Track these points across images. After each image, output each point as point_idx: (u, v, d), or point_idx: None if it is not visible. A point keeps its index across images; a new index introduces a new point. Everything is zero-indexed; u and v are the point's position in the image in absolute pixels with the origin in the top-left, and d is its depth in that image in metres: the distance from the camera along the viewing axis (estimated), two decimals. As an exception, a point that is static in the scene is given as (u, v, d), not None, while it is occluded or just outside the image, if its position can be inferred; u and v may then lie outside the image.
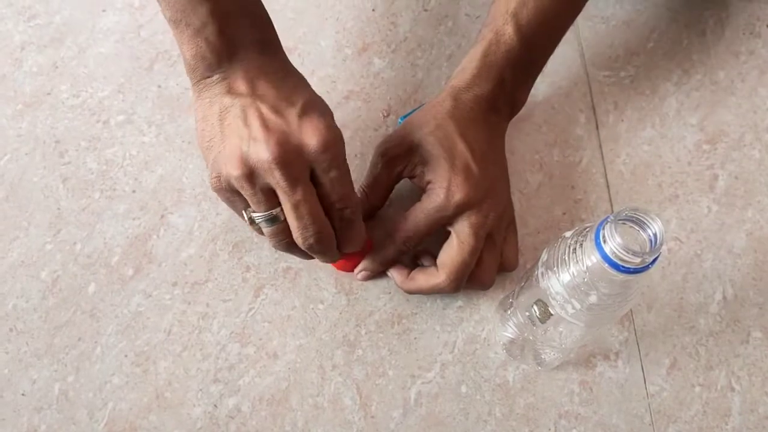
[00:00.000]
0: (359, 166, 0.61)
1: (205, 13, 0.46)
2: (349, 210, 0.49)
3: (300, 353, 0.55)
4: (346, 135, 0.62)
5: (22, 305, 0.55)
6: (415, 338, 0.56)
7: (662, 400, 0.54)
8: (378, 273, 0.56)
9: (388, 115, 0.63)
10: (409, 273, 0.55)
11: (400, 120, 0.61)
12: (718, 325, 0.57)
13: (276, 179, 0.44)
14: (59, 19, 0.65)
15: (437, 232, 0.53)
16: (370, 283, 0.57)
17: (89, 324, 0.55)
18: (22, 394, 0.52)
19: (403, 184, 0.58)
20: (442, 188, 0.51)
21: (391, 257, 0.55)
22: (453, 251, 0.52)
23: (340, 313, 0.56)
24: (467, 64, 0.54)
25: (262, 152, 0.44)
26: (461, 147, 0.52)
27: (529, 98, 0.58)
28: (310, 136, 0.45)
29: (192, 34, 0.46)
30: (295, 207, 0.45)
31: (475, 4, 0.69)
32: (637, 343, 0.56)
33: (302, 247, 0.48)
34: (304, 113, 0.46)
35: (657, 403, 0.54)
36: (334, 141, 0.46)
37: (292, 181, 0.44)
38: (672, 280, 0.58)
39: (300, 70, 0.64)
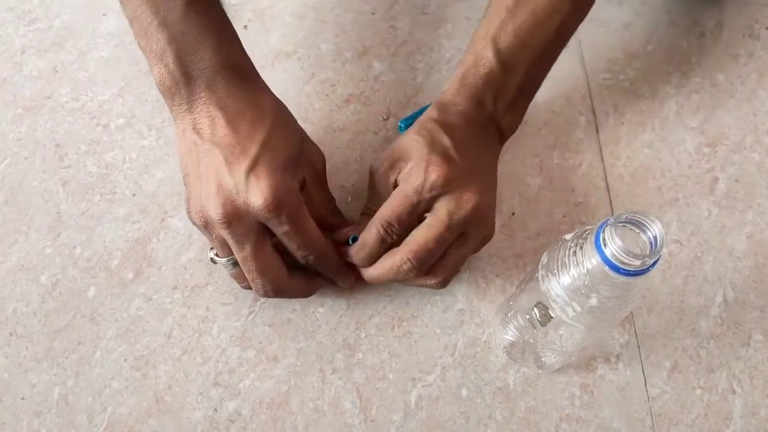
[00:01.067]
0: (358, 170, 0.61)
1: (164, 39, 0.47)
2: (312, 256, 0.50)
3: (300, 357, 0.55)
4: (346, 138, 0.62)
5: (22, 309, 0.55)
6: (416, 341, 0.56)
7: (663, 402, 0.54)
8: (370, 262, 0.53)
9: (387, 118, 0.63)
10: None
11: (400, 123, 0.61)
12: (719, 328, 0.57)
13: (225, 235, 0.48)
14: (59, 23, 0.65)
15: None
16: (369, 287, 0.57)
17: (89, 328, 0.54)
18: (22, 399, 0.52)
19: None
20: (420, 170, 0.50)
21: (375, 248, 0.51)
22: (419, 231, 0.50)
23: (340, 317, 0.56)
24: (449, 86, 0.54)
25: (212, 210, 0.47)
26: (443, 138, 0.51)
27: (529, 101, 0.58)
28: (256, 196, 0.46)
29: (155, 61, 0.48)
30: (243, 261, 0.49)
31: (474, 8, 0.69)
32: (638, 346, 0.56)
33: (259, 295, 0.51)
34: (252, 168, 0.47)
35: (658, 406, 0.54)
36: (277, 200, 0.46)
37: (238, 239, 0.47)
38: (672, 283, 0.58)
39: (300, 74, 0.65)
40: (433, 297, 0.57)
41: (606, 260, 0.39)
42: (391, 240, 0.51)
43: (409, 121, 0.61)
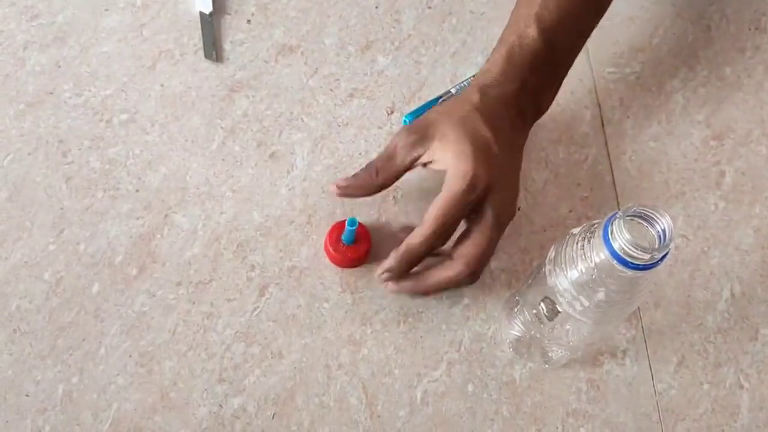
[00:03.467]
0: (363, 164, 0.60)
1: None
2: None
3: (305, 352, 0.54)
4: (350, 133, 0.62)
5: (26, 306, 0.55)
6: (421, 337, 0.55)
7: (670, 398, 0.54)
8: (402, 274, 0.53)
9: (392, 112, 0.63)
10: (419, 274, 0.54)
11: (405, 118, 0.61)
12: (726, 323, 0.57)
13: None
14: (62, 18, 0.65)
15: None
16: (375, 282, 0.56)
17: (93, 324, 0.54)
18: (26, 396, 0.52)
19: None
20: (468, 173, 0.50)
21: (421, 252, 0.51)
22: (472, 241, 0.51)
23: (346, 312, 0.56)
24: (491, 67, 0.54)
25: None
26: (485, 131, 0.51)
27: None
28: None
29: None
30: None
31: (479, 1, 0.68)
32: (645, 341, 0.56)
33: None
34: None
35: (665, 401, 0.54)
36: None
37: None
38: (679, 278, 0.58)
39: (303, 68, 0.64)
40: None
41: (614, 254, 0.38)
42: (438, 246, 0.52)
43: (414, 115, 0.61)
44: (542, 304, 0.47)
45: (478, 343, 0.55)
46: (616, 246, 0.38)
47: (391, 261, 0.52)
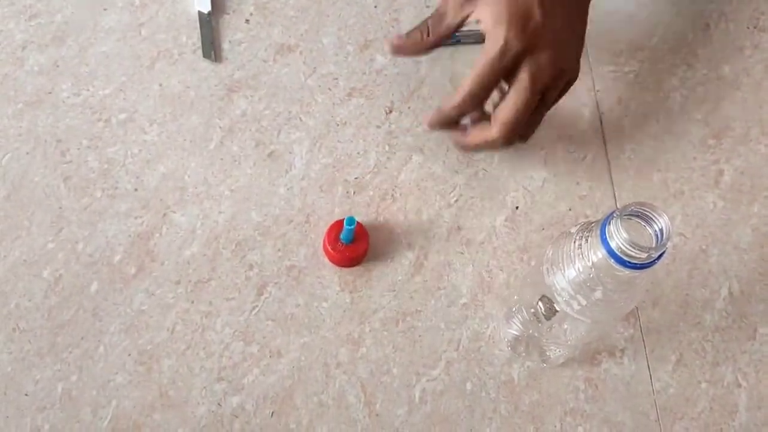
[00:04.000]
0: (362, 164, 0.61)
1: None
2: None
3: (304, 351, 0.54)
4: (349, 132, 0.62)
5: (25, 304, 0.55)
6: (420, 336, 0.55)
7: (668, 396, 0.54)
8: (441, 127, 0.57)
9: (390, 111, 0.63)
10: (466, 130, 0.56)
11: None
12: (724, 321, 0.57)
13: None
14: (60, 18, 0.65)
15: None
16: (374, 281, 0.57)
17: (92, 323, 0.54)
18: (26, 394, 0.52)
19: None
20: (501, 34, 0.50)
21: (453, 114, 0.55)
22: (507, 104, 0.52)
23: (344, 311, 0.56)
24: None
25: None
26: None
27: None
28: None
29: None
30: None
31: (477, 0, 0.68)
32: (643, 340, 0.56)
33: None
34: None
35: (663, 400, 0.54)
36: None
37: None
38: (677, 276, 0.58)
39: (302, 67, 0.64)
40: (437, 291, 0.57)
41: (611, 253, 0.38)
42: (473, 108, 0.54)
43: None
44: (540, 303, 0.47)
45: (477, 342, 0.55)
46: (613, 245, 0.38)
47: (433, 116, 0.56)
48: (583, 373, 0.55)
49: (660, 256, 0.38)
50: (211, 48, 0.64)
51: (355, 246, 0.56)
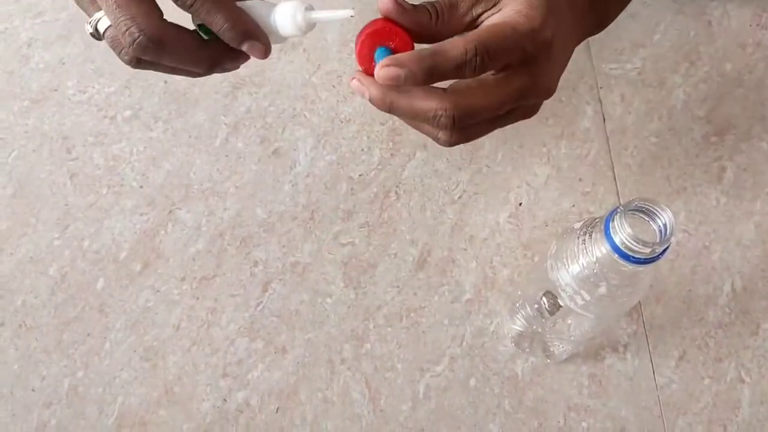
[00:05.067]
0: (365, 160, 0.61)
1: None
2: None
3: (308, 347, 0.55)
4: (353, 129, 0.62)
5: (31, 301, 0.55)
6: (424, 332, 0.56)
7: (672, 392, 0.54)
8: (416, 82, 0.38)
9: (394, 109, 0.63)
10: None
11: None
12: (727, 317, 0.57)
13: None
14: (65, 15, 0.65)
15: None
16: (378, 277, 0.57)
17: (98, 319, 0.55)
18: (32, 390, 0.52)
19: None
20: (542, 16, 0.40)
21: (450, 66, 0.38)
22: (480, 89, 0.40)
23: (348, 307, 0.56)
24: None
25: None
26: (553, 15, 0.41)
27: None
28: None
29: None
30: (105, 4, 0.39)
31: (480, -2, 0.68)
32: (646, 336, 0.56)
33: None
34: None
35: (666, 396, 0.54)
36: None
37: None
38: (680, 273, 0.58)
39: (306, 65, 0.65)
40: (441, 287, 0.57)
41: (615, 248, 0.39)
42: (472, 68, 0.39)
43: None
44: (544, 299, 0.47)
45: (480, 338, 0.56)
46: (617, 240, 0.38)
47: (410, 60, 0.38)
48: (587, 368, 0.55)
49: (664, 251, 0.38)
50: (216, 46, 0.64)
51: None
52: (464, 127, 0.41)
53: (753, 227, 0.60)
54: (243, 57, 0.43)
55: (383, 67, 0.38)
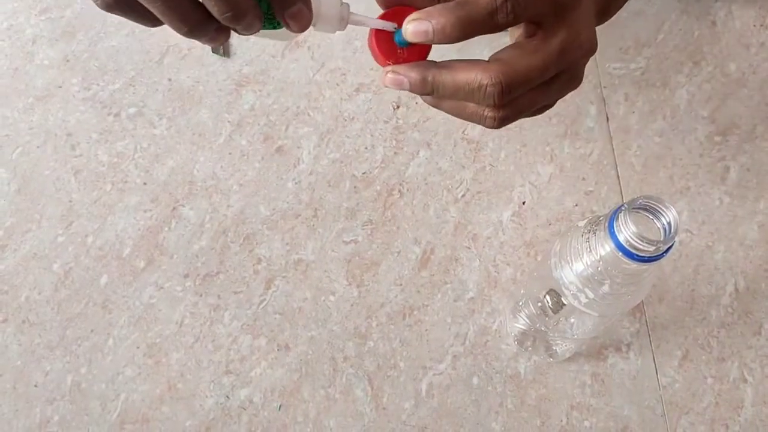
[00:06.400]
0: (369, 158, 0.61)
1: None
2: None
3: (311, 345, 0.55)
4: (357, 127, 0.62)
5: (35, 297, 0.55)
6: (426, 330, 0.56)
7: (674, 391, 0.54)
8: (445, 35, 0.35)
9: (398, 107, 0.63)
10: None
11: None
12: (730, 317, 0.57)
13: None
14: (70, 12, 0.65)
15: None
16: (381, 275, 0.57)
17: (101, 316, 0.55)
18: (35, 386, 0.53)
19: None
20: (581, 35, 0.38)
21: (482, 13, 0.35)
22: (521, 55, 0.37)
23: (352, 305, 0.56)
24: None
25: None
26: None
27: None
28: None
29: None
30: None
31: (484, -3, 0.68)
32: (649, 335, 0.56)
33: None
34: None
35: (669, 395, 0.54)
36: None
37: None
38: (684, 272, 0.58)
39: (310, 63, 0.65)
40: (444, 286, 0.57)
41: (620, 246, 0.39)
42: (505, 16, 0.35)
43: None
44: (547, 297, 0.47)
45: (483, 336, 0.56)
46: (621, 238, 0.38)
47: (439, 14, 0.35)
48: (590, 367, 0.55)
49: (668, 249, 0.38)
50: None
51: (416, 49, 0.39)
52: (512, 100, 0.38)
53: (756, 227, 0.60)
54: (227, 31, 0.35)
55: (410, 21, 0.36)
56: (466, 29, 0.35)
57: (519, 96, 0.39)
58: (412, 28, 0.35)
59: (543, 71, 0.38)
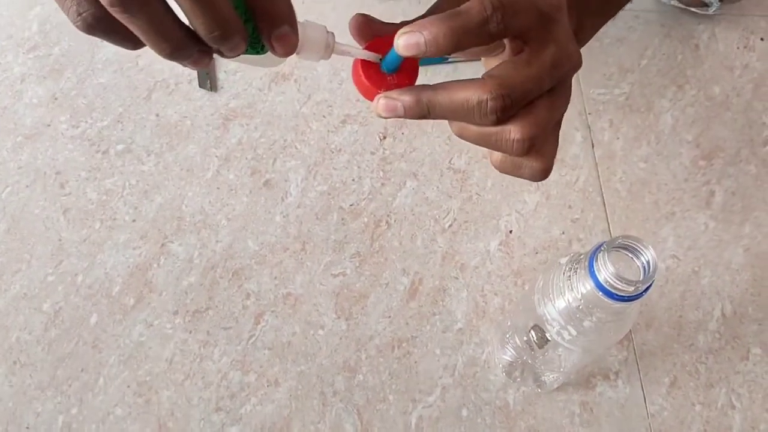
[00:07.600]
0: (356, 190, 0.61)
1: None
2: None
3: (301, 380, 0.55)
4: (343, 159, 0.62)
5: (25, 338, 0.55)
6: (416, 362, 0.56)
7: (663, 419, 0.55)
8: (438, 47, 0.34)
9: (384, 138, 0.64)
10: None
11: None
12: (718, 342, 0.57)
13: None
14: (58, 50, 0.66)
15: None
16: (369, 308, 0.57)
17: (92, 355, 0.55)
18: (27, 428, 0.53)
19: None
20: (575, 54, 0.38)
21: (473, 22, 0.34)
22: (513, 66, 0.37)
23: (340, 339, 0.56)
24: None
25: None
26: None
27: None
28: None
29: None
30: None
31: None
32: (637, 363, 0.56)
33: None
34: None
35: (658, 423, 0.55)
36: None
37: None
38: (670, 298, 0.58)
39: (296, 95, 0.65)
40: (433, 317, 0.57)
41: (599, 286, 0.39)
42: (496, 25, 0.35)
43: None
44: (532, 332, 0.48)
45: (472, 367, 0.56)
46: (601, 278, 0.39)
47: (431, 25, 0.34)
48: (578, 396, 0.55)
49: (647, 288, 0.39)
50: (207, 78, 0.65)
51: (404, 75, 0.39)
52: (518, 107, 0.37)
53: (742, 251, 0.60)
54: (210, 53, 0.34)
55: (402, 35, 0.35)
56: (459, 39, 0.35)
57: (528, 113, 0.38)
58: (404, 41, 0.35)
59: (539, 82, 0.38)
